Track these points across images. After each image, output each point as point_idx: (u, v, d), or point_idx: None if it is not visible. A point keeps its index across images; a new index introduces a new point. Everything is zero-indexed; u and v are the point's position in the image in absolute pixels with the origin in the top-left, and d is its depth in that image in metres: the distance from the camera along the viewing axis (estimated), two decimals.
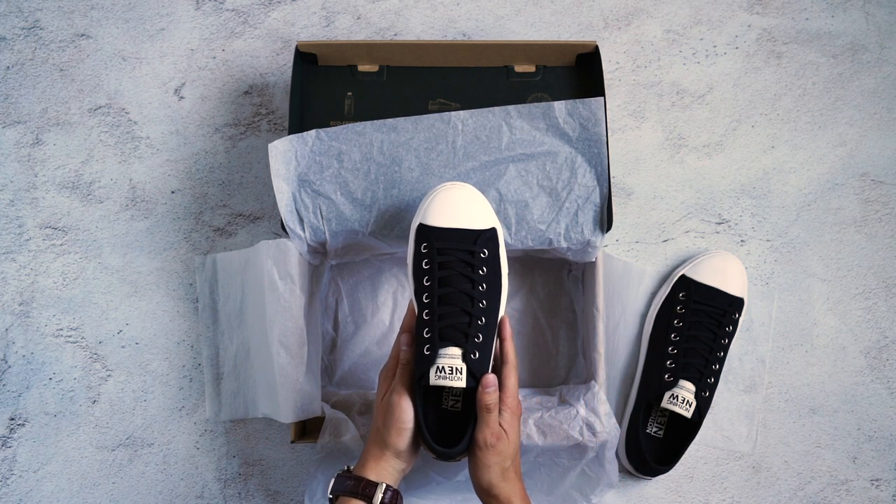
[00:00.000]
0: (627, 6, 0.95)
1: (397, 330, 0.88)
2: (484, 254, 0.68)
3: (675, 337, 0.83)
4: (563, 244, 0.78)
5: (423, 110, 0.83)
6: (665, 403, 0.80)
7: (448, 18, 0.95)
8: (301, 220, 0.77)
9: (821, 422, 0.88)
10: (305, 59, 0.84)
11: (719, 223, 0.91)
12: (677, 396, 0.79)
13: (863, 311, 0.90)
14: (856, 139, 0.93)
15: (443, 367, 0.64)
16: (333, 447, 0.76)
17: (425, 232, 0.68)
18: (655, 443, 0.84)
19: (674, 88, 0.93)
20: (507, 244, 0.77)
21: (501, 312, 0.69)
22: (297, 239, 0.77)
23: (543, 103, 0.77)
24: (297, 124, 0.82)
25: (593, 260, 0.81)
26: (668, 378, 0.81)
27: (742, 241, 0.91)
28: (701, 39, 0.95)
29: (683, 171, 0.92)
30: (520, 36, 0.95)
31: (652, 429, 0.84)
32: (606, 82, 0.91)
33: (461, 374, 0.64)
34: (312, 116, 0.84)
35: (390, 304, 0.89)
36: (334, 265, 0.89)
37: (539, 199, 0.77)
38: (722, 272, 0.85)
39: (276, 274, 0.76)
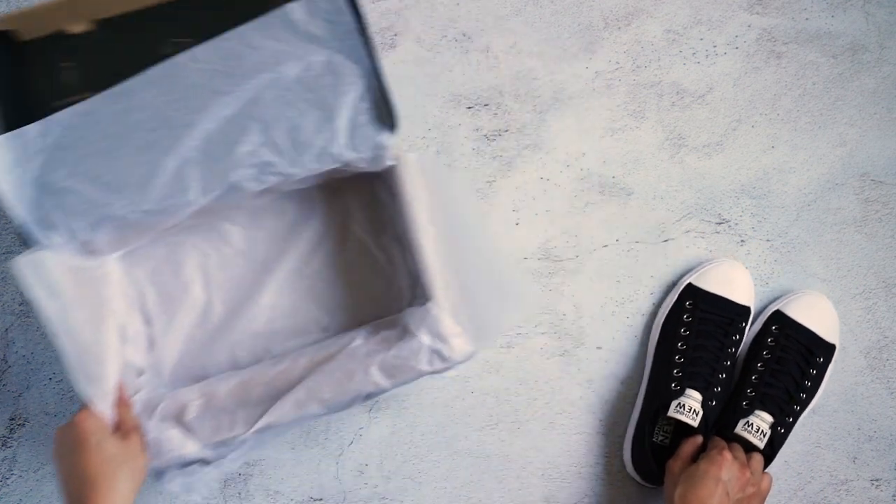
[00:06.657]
0: (627, 6, 0.95)
1: (216, 303, 0.79)
2: None
3: (681, 346, 0.82)
4: (352, 155, 0.68)
5: (159, 58, 0.69)
6: (671, 412, 0.79)
7: (448, 18, 0.95)
8: (51, 226, 0.67)
9: (821, 422, 0.88)
10: (1, 39, 0.69)
11: (719, 223, 0.91)
12: (683, 405, 0.79)
13: (863, 311, 0.90)
14: (856, 139, 0.93)
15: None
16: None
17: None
18: (662, 451, 0.83)
19: (674, 88, 0.93)
20: (291, 175, 0.69)
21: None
22: (54, 248, 0.67)
23: (277, 11, 0.67)
24: (14, 120, 0.68)
25: (392, 164, 0.71)
26: (674, 387, 0.80)
27: (742, 241, 0.91)
28: (701, 39, 0.95)
29: (683, 171, 0.92)
30: (520, 35, 0.94)
31: (658, 437, 0.84)
32: (607, 82, 0.91)
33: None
34: (31, 105, 0.69)
35: (199, 278, 0.79)
36: (120, 257, 0.78)
37: (308, 115, 0.68)
38: (729, 281, 0.85)
39: (44, 293, 0.65)
